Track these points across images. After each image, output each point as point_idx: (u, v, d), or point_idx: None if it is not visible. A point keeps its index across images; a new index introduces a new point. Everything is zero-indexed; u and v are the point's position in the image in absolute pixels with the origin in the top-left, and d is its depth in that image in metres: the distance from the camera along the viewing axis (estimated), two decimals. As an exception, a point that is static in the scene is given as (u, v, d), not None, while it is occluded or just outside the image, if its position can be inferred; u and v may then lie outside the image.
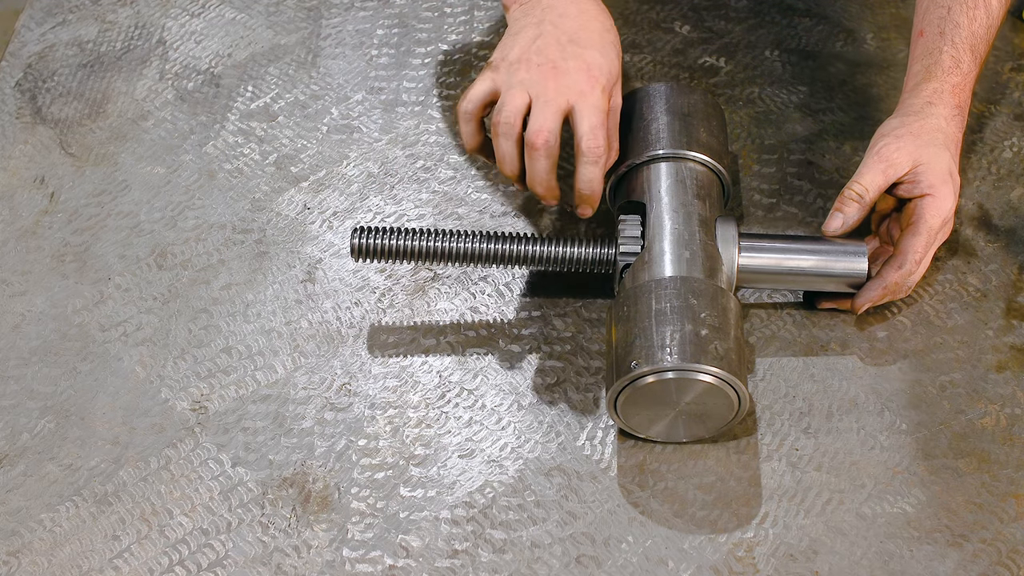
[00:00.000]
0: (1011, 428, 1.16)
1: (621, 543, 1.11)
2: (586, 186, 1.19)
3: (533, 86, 1.18)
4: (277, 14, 1.55)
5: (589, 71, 1.18)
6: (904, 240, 1.19)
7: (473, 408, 1.19)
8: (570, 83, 1.17)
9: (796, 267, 1.21)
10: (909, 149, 1.19)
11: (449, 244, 1.20)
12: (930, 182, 1.19)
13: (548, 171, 1.18)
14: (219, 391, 1.21)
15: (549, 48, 1.19)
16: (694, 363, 1.08)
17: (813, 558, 1.09)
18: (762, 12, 1.52)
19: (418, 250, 1.20)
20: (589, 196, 1.20)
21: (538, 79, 1.18)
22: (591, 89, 1.18)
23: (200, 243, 1.32)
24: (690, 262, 1.15)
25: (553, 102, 1.17)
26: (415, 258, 1.21)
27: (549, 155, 1.17)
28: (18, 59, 1.51)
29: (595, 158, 1.18)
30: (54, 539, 1.12)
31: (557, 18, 1.22)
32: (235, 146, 1.41)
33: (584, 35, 1.20)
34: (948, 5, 1.26)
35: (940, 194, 1.19)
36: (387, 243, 1.20)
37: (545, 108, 1.17)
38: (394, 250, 1.20)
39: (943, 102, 1.23)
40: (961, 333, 1.23)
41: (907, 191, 1.20)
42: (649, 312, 1.12)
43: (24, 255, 1.32)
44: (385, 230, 1.20)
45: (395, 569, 1.10)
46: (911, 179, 1.19)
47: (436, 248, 1.20)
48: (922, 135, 1.20)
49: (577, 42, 1.20)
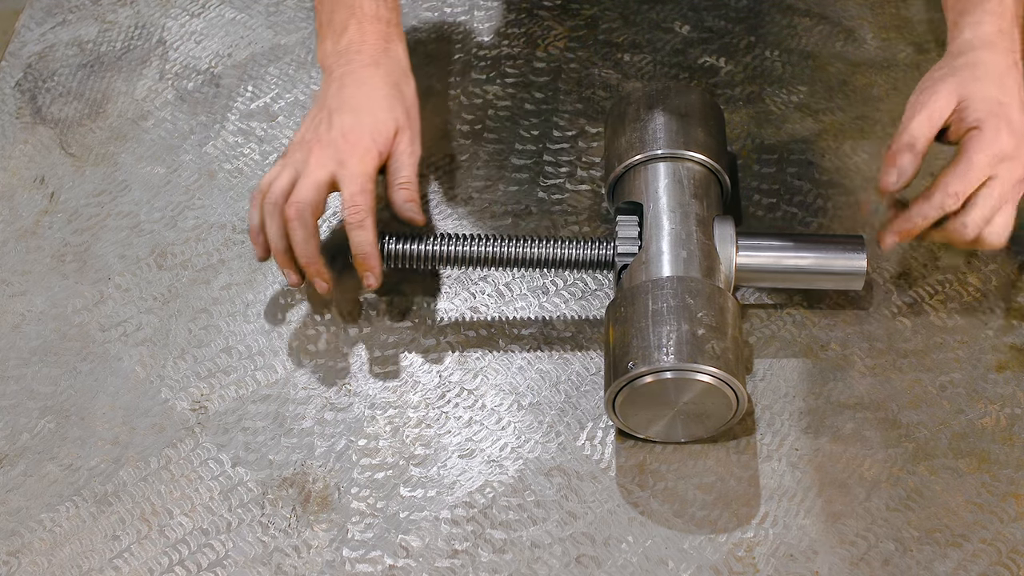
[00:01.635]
0: (1011, 428, 1.16)
1: (621, 543, 1.11)
2: (358, 249, 1.19)
3: (299, 164, 1.20)
4: (277, 14, 1.55)
5: (347, 138, 1.19)
6: (940, 174, 1.13)
7: (473, 408, 1.20)
8: (330, 154, 1.19)
9: (794, 265, 1.21)
10: (949, 89, 1.14)
11: (443, 248, 1.21)
12: (976, 116, 1.12)
13: (305, 240, 1.18)
14: (219, 391, 1.21)
15: (320, 124, 1.22)
16: (691, 363, 1.08)
17: (813, 558, 1.09)
18: (762, 12, 1.52)
19: (414, 255, 1.22)
20: (363, 260, 1.19)
21: (302, 157, 1.20)
22: (349, 156, 1.19)
23: (200, 243, 1.32)
24: (687, 262, 1.15)
25: (311, 175, 1.18)
26: (412, 263, 1.22)
27: (303, 225, 1.18)
28: (18, 59, 1.51)
29: (357, 222, 1.17)
30: (54, 539, 1.12)
31: (337, 90, 1.24)
32: (235, 146, 1.41)
33: (356, 101, 1.22)
34: None
35: (987, 127, 1.11)
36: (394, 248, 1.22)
37: (303, 182, 1.18)
38: (392, 255, 1.22)
39: (990, 43, 1.16)
40: (961, 333, 1.23)
41: (955, 133, 1.14)
42: (646, 312, 1.12)
43: (24, 255, 1.32)
44: (388, 236, 1.22)
45: (395, 569, 1.10)
46: (956, 118, 1.14)
47: (431, 252, 1.21)
48: (961, 72, 1.15)
49: (343, 110, 1.22)
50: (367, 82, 1.24)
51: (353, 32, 1.26)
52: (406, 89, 1.26)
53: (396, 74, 1.26)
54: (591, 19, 1.51)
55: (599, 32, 1.50)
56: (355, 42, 1.26)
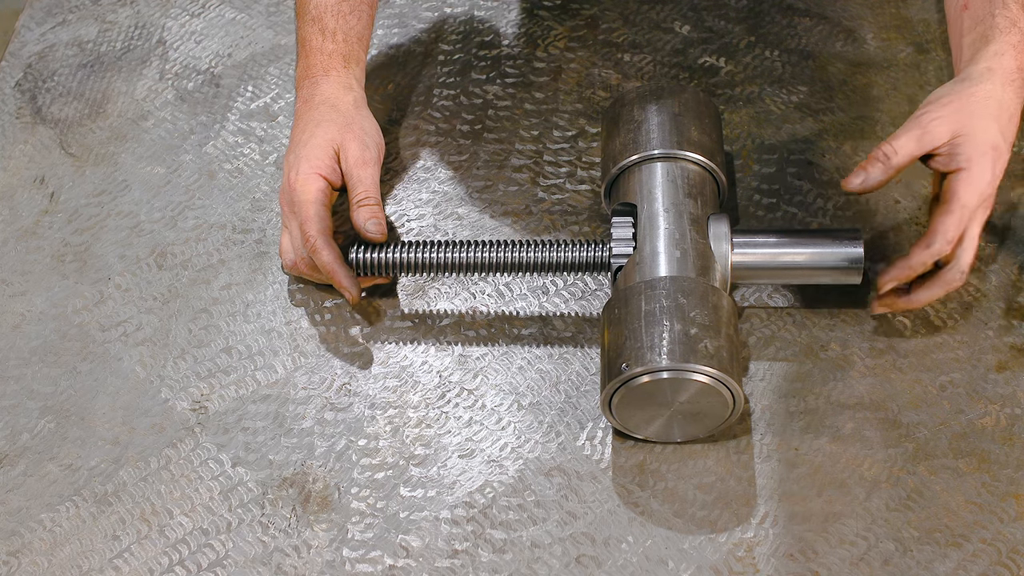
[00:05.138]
0: (1011, 428, 1.16)
1: (621, 543, 1.11)
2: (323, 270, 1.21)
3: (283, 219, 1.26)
4: (277, 14, 1.55)
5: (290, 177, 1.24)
6: (936, 218, 1.14)
7: (473, 408, 1.20)
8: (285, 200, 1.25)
9: (791, 261, 1.20)
10: (951, 119, 1.14)
11: (438, 255, 1.21)
12: (968, 155, 1.13)
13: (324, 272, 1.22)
14: (219, 391, 1.21)
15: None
16: (684, 363, 1.08)
17: (813, 558, 1.09)
18: (762, 12, 1.52)
19: (409, 262, 1.22)
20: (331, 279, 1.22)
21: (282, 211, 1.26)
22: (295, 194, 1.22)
23: (200, 243, 1.32)
24: (681, 261, 1.15)
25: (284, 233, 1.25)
26: (407, 270, 1.23)
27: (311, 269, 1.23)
28: (18, 59, 1.52)
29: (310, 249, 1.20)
30: (54, 539, 1.12)
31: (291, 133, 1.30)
32: (235, 146, 1.41)
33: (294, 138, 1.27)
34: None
35: (977, 168, 1.12)
36: (382, 257, 1.22)
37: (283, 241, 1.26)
38: (389, 264, 1.22)
39: (1002, 66, 1.16)
40: (961, 333, 1.23)
41: (942, 164, 1.14)
42: (639, 313, 1.12)
43: (24, 255, 1.32)
44: (379, 245, 1.23)
45: (395, 569, 1.10)
46: (947, 151, 1.14)
47: (427, 260, 1.22)
48: (970, 103, 1.14)
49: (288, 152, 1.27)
50: (303, 115, 1.28)
51: (302, 67, 1.32)
52: (343, 105, 1.28)
53: (333, 94, 1.28)
54: (591, 19, 1.51)
55: (599, 32, 1.50)
56: (301, 75, 1.31)
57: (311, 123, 1.26)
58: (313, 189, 1.22)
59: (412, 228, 1.33)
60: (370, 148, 1.26)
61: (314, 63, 1.30)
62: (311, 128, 1.26)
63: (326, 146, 1.24)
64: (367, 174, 1.24)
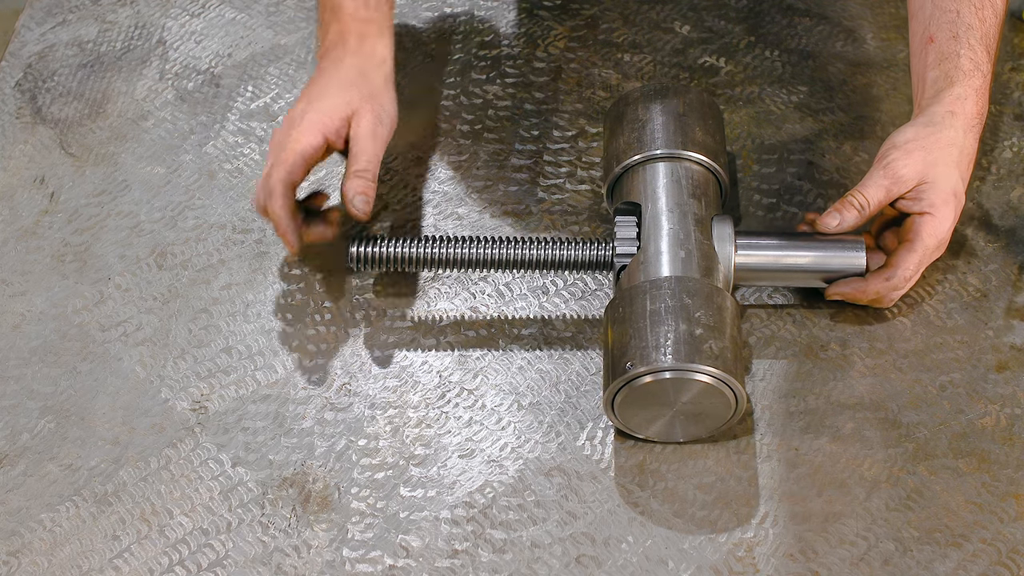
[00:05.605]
0: (1011, 428, 1.16)
1: (621, 543, 1.11)
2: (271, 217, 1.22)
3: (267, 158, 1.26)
4: (277, 14, 1.55)
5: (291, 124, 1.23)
6: (898, 254, 1.19)
7: (473, 408, 1.20)
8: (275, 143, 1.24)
9: (794, 264, 1.21)
10: (918, 166, 1.18)
11: (443, 251, 1.21)
12: (932, 201, 1.18)
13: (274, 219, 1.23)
14: (219, 391, 1.21)
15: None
16: (688, 363, 1.08)
17: (813, 558, 1.09)
18: (762, 12, 1.52)
19: (412, 257, 1.22)
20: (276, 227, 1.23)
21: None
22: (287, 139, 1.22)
23: (200, 243, 1.32)
24: (685, 262, 1.15)
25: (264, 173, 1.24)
26: (410, 265, 1.22)
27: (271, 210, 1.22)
28: (18, 59, 1.52)
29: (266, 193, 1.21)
30: (54, 539, 1.12)
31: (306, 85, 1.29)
32: (235, 146, 1.41)
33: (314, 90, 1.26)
34: (956, 8, 1.23)
35: (940, 214, 1.18)
36: (383, 251, 1.22)
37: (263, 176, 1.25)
38: (390, 258, 1.22)
39: (964, 111, 1.20)
40: (961, 333, 1.23)
41: (908, 206, 1.19)
42: (644, 313, 1.12)
43: (24, 255, 1.32)
44: (381, 238, 1.22)
45: (395, 569, 1.10)
46: (914, 195, 1.19)
47: (430, 255, 1.22)
48: (935, 150, 1.19)
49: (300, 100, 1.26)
50: (327, 72, 1.27)
51: (333, 32, 1.29)
52: (374, 75, 1.27)
53: (365, 63, 1.27)
54: (591, 19, 1.51)
55: (599, 32, 1.50)
56: (333, 40, 1.28)
57: (334, 82, 1.25)
58: (305, 141, 1.21)
59: (412, 228, 1.33)
60: (384, 124, 1.25)
61: (348, 28, 1.28)
62: (333, 87, 1.24)
63: (342, 107, 1.23)
64: (372, 148, 1.23)
